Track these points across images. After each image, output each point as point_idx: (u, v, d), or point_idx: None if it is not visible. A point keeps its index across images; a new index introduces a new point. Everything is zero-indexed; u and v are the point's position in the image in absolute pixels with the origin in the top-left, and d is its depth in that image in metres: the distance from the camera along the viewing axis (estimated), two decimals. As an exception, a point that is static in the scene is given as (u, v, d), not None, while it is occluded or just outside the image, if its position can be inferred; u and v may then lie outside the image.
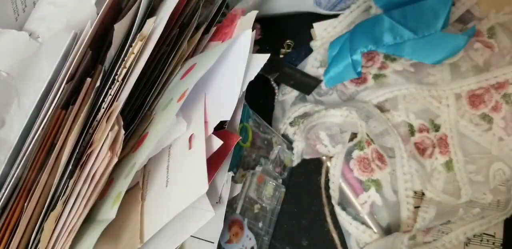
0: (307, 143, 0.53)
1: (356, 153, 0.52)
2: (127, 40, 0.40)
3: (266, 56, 0.41)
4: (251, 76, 0.40)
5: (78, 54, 0.37)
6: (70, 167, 0.36)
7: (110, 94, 0.38)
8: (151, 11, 0.44)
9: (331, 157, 0.53)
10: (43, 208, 0.36)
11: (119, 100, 0.38)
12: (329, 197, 0.53)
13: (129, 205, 0.38)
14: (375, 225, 0.51)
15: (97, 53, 0.41)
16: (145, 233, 0.36)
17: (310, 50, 0.57)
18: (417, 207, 0.51)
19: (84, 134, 0.37)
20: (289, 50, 0.59)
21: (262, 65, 0.41)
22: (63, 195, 0.36)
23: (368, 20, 0.52)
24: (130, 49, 0.39)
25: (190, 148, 0.38)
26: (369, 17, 0.54)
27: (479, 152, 0.51)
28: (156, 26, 0.40)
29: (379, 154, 0.51)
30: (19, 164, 0.36)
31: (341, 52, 0.52)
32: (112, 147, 0.36)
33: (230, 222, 0.45)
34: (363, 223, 0.51)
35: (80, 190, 0.36)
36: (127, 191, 0.38)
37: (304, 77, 0.55)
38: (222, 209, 0.40)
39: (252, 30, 0.42)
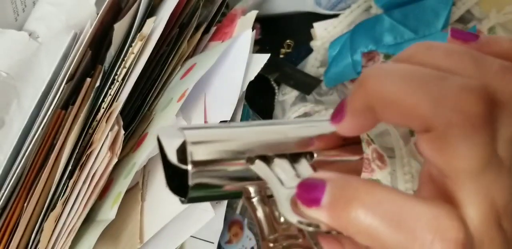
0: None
1: (356, 153, 0.52)
2: (127, 40, 0.40)
3: (266, 56, 0.41)
4: (251, 76, 0.40)
5: (78, 54, 0.37)
6: (69, 167, 0.36)
7: (110, 94, 0.38)
8: (151, 11, 0.44)
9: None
10: (43, 208, 0.36)
11: (119, 100, 0.38)
12: (329, 197, 0.52)
13: (129, 205, 0.38)
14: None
15: (96, 53, 0.40)
16: (145, 233, 0.36)
17: (310, 50, 0.57)
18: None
19: (83, 134, 0.37)
20: (289, 50, 0.59)
21: (262, 65, 0.41)
22: (63, 195, 0.36)
23: (368, 20, 0.52)
24: (130, 49, 0.39)
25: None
26: (369, 16, 0.53)
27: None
28: (156, 26, 0.40)
29: (379, 154, 0.51)
30: (18, 164, 0.36)
31: (341, 52, 0.52)
32: (112, 147, 0.36)
33: (230, 222, 0.45)
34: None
35: (80, 190, 0.36)
36: (127, 191, 0.38)
37: (304, 77, 0.55)
38: (222, 209, 0.40)
39: (252, 30, 0.42)
